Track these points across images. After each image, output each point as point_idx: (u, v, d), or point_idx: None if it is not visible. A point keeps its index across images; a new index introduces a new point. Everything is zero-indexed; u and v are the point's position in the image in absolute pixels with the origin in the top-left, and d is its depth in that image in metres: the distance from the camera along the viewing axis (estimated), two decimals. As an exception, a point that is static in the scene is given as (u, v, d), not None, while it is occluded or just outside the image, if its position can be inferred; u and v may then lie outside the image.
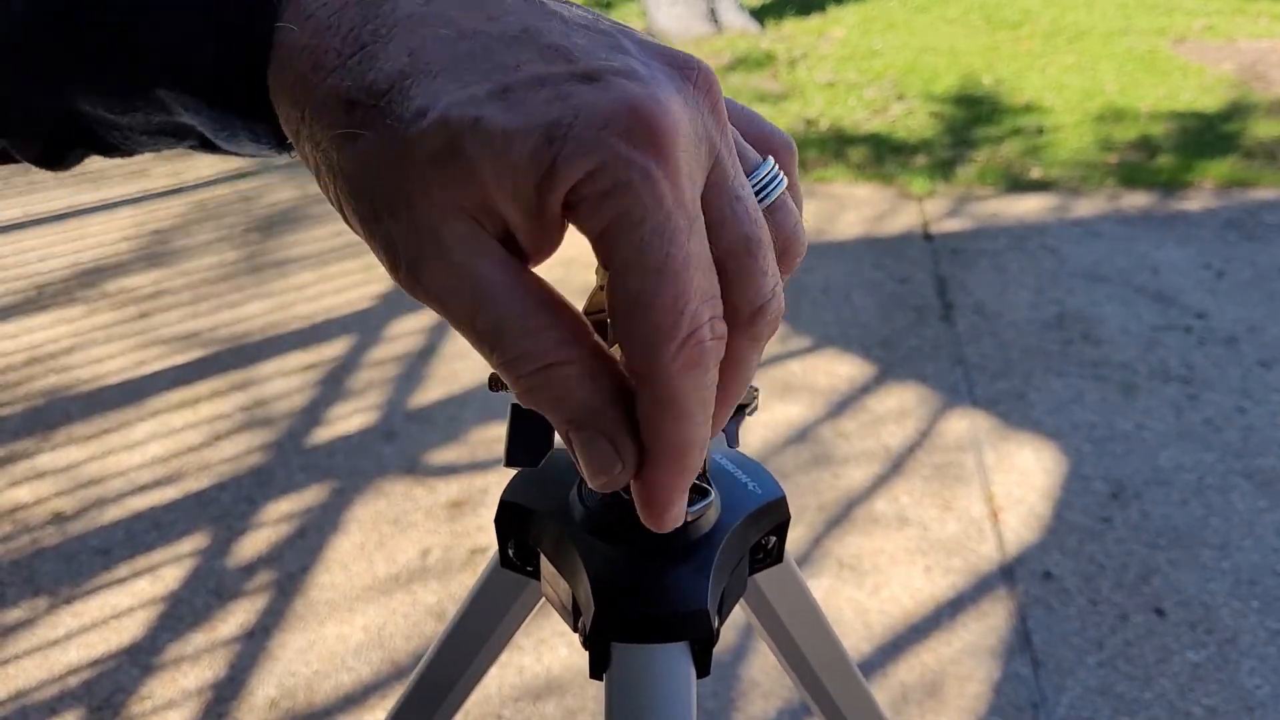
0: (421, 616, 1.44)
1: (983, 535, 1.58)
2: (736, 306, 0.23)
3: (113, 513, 1.64)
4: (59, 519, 1.63)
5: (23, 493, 1.69)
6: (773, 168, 0.25)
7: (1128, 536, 1.58)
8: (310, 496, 1.67)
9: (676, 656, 0.32)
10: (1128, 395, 1.93)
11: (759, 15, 4.72)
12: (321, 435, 1.83)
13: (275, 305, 2.30)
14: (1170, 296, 2.28)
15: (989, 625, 1.42)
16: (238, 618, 1.44)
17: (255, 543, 1.57)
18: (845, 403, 1.91)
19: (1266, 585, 1.48)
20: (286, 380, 2.01)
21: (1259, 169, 2.97)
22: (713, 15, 4.49)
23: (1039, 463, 1.74)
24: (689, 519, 0.34)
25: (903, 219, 2.71)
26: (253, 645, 1.40)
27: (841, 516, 1.63)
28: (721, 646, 1.38)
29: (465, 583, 1.51)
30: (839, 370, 2.01)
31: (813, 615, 0.41)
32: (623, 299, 0.22)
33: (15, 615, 1.44)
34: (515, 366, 0.23)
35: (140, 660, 1.37)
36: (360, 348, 2.13)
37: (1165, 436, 1.81)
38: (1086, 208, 2.77)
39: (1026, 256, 2.48)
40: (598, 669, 0.33)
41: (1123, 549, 1.56)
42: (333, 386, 1.99)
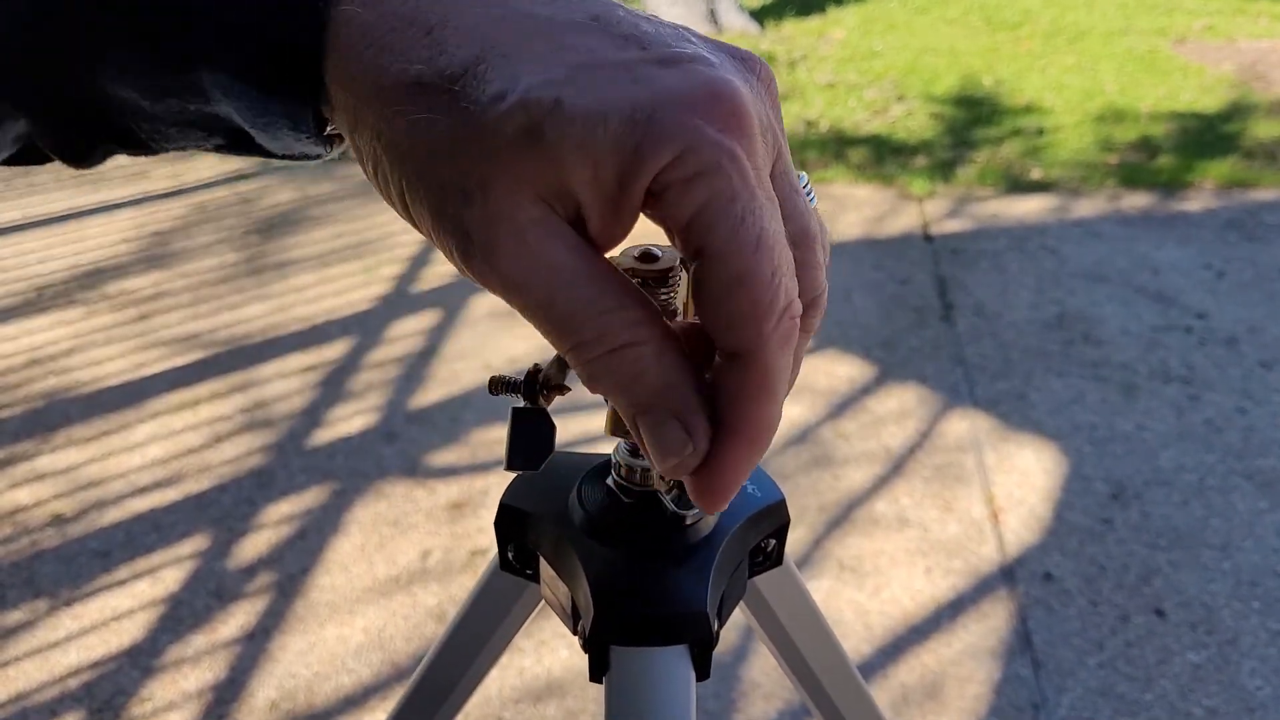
0: (422, 618, 1.44)
1: (983, 536, 1.58)
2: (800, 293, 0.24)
3: (112, 515, 1.64)
4: (59, 521, 1.62)
5: (22, 495, 1.68)
6: (806, 177, 0.26)
7: (1128, 537, 1.58)
8: (310, 498, 1.67)
9: (676, 659, 0.32)
10: (1128, 396, 1.93)
11: (759, 16, 4.73)
12: (322, 437, 1.83)
13: (275, 307, 2.30)
14: (1171, 297, 2.28)
15: (989, 626, 1.42)
16: (238, 619, 1.44)
17: (255, 544, 1.57)
18: (845, 403, 1.91)
19: (1267, 586, 1.48)
20: (286, 382, 2.01)
21: (1259, 169, 2.96)
22: (713, 16, 4.49)
23: (1039, 463, 1.74)
24: (689, 521, 0.34)
25: (903, 220, 2.71)
26: (253, 647, 1.39)
27: (842, 518, 1.63)
28: (722, 647, 1.38)
29: (465, 584, 1.51)
30: (839, 371, 2.01)
31: (812, 618, 0.41)
32: (722, 280, 0.22)
33: (15, 617, 1.44)
34: (586, 350, 0.23)
35: (140, 662, 1.37)
36: (360, 349, 2.13)
37: (1166, 437, 1.81)
38: (1087, 208, 2.77)
39: (1027, 257, 2.48)
40: (597, 672, 0.33)
41: (1123, 550, 1.56)
42: (333, 388, 1.99)
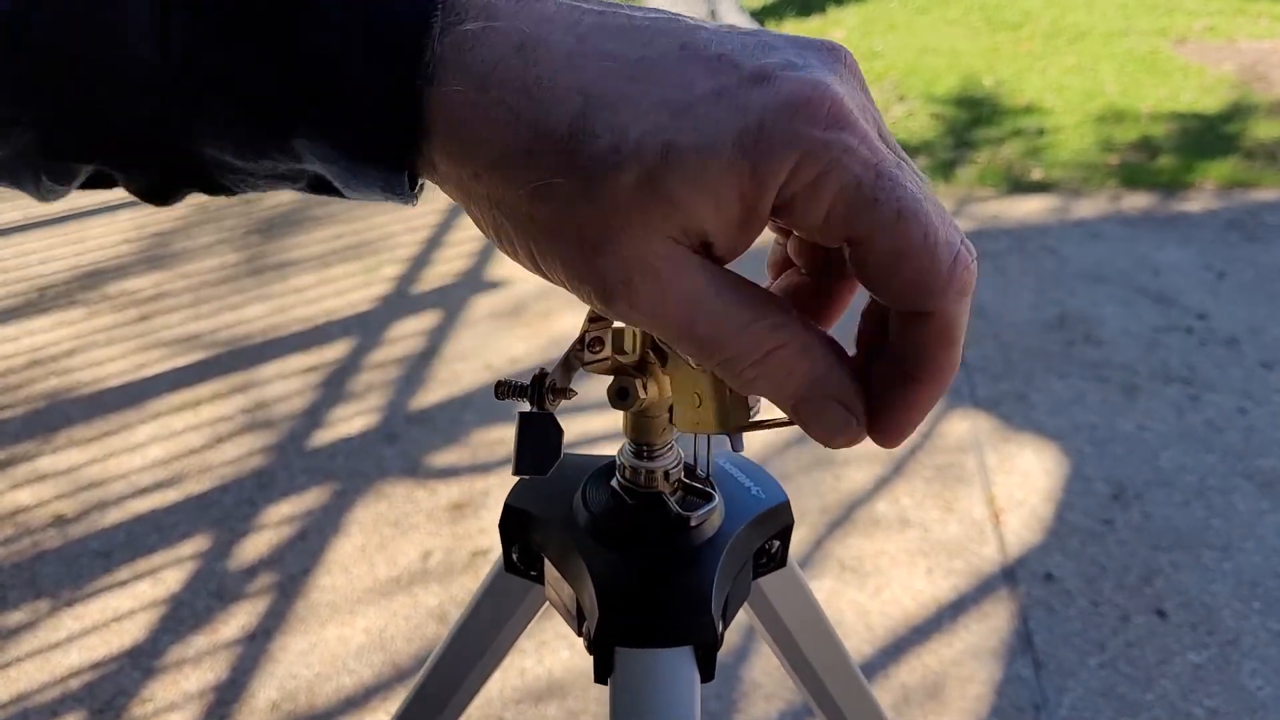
0: (423, 619, 1.44)
1: (984, 537, 1.58)
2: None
3: (114, 515, 1.64)
4: (60, 521, 1.63)
5: (24, 495, 1.69)
6: None
7: (1129, 538, 1.58)
8: (311, 499, 1.67)
9: (681, 661, 0.32)
10: (1129, 396, 1.93)
11: (760, 17, 4.73)
12: (323, 437, 1.83)
13: (276, 307, 2.30)
14: (1171, 297, 2.28)
15: (990, 627, 1.42)
16: (239, 620, 1.44)
17: (256, 545, 1.57)
18: (846, 404, 1.91)
19: (1268, 587, 1.48)
20: (287, 382, 2.01)
21: (1260, 170, 2.96)
22: (713, 16, 4.50)
23: (1040, 464, 1.74)
24: (693, 523, 0.34)
25: (903, 220, 2.71)
26: (254, 648, 1.39)
27: (843, 518, 1.63)
28: (724, 648, 1.38)
29: (466, 585, 1.51)
30: (840, 372, 2.01)
31: (816, 618, 0.41)
32: (878, 262, 0.22)
33: (17, 618, 1.44)
34: (734, 364, 0.24)
35: (141, 663, 1.37)
36: (361, 350, 2.13)
37: (1167, 438, 1.81)
38: (1087, 209, 2.77)
39: (1027, 258, 2.48)
40: (602, 673, 0.33)
41: (1124, 550, 1.56)
42: (334, 389, 1.99)
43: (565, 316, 2.19)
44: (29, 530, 1.61)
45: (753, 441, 1.80)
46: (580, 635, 0.34)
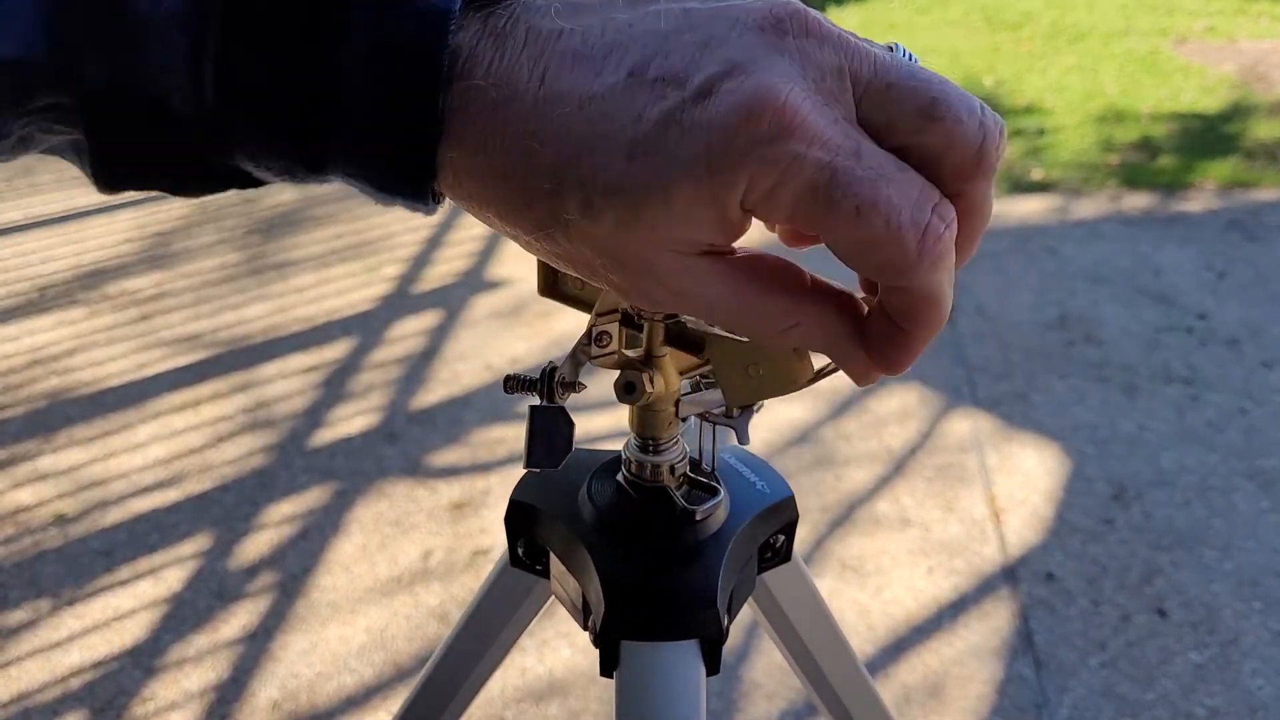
0: (424, 618, 1.44)
1: (985, 536, 1.58)
2: (957, 164, 0.24)
3: (115, 515, 1.64)
4: (61, 521, 1.63)
5: (25, 495, 1.69)
6: (902, 48, 0.26)
7: (1130, 537, 1.58)
8: (312, 498, 1.67)
9: (686, 654, 0.32)
10: (1130, 396, 1.93)
11: (759, 17, 4.73)
12: (323, 437, 1.83)
13: (276, 307, 2.30)
14: (1172, 297, 2.28)
15: (991, 626, 1.42)
16: (240, 619, 1.44)
17: (257, 544, 1.57)
18: (847, 404, 1.91)
19: (1269, 586, 1.48)
20: (288, 382, 2.01)
21: (1260, 170, 2.97)
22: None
23: (1041, 464, 1.74)
24: (699, 517, 0.34)
25: (904, 220, 2.71)
26: (255, 647, 1.39)
27: (844, 518, 1.63)
28: (725, 647, 1.38)
29: (468, 584, 1.51)
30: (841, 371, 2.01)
31: (820, 613, 0.41)
32: (847, 254, 0.24)
33: (18, 617, 1.44)
34: (761, 342, 0.27)
35: (143, 662, 1.37)
36: (362, 349, 2.13)
37: (1167, 437, 1.81)
38: (1088, 209, 2.77)
39: (1028, 258, 2.48)
40: (608, 667, 0.33)
41: (1125, 550, 1.56)
42: (334, 388, 1.99)
43: (566, 316, 2.19)
44: (30, 529, 1.61)
45: (753, 440, 1.80)
46: (586, 629, 0.34)
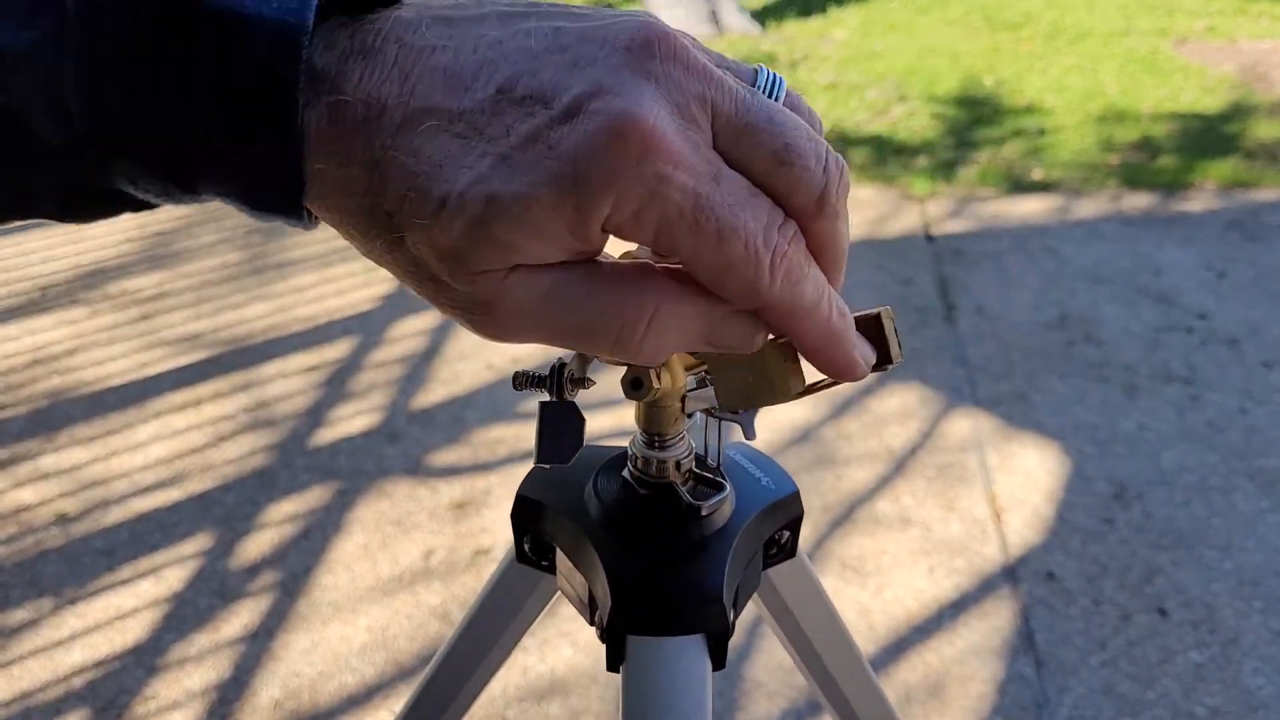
0: (425, 617, 1.44)
1: (985, 536, 1.58)
2: (802, 205, 0.25)
3: (116, 514, 1.64)
4: (63, 520, 1.63)
5: (27, 494, 1.69)
6: (768, 73, 0.27)
7: (1130, 537, 1.58)
8: (313, 497, 1.67)
9: (692, 649, 0.32)
10: (1130, 396, 1.93)
11: (760, 17, 4.73)
12: (324, 436, 1.84)
13: (277, 307, 2.30)
14: (1172, 297, 2.28)
15: (992, 626, 1.42)
16: (241, 618, 1.44)
17: (258, 544, 1.57)
18: (848, 403, 1.91)
19: (1269, 586, 1.48)
20: (289, 382, 2.01)
21: (1260, 170, 2.97)
22: (714, 17, 4.50)
23: (1041, 463, 1.75)
24: (704, 513, 0.34)
25: (905, 220, 2.71)
26: (256, 646, 1.40)
27: (844, 517, 1.63)
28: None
29: (469, 584, 1.51)
30: (841, 371, 2.01)
31: (824, 609, 0.41)
32: (705, 274, 0.24)
33: (19, 616, 1.44)
34: (627, 341, 0.25)
35: (144, 661, 1.37)
36: (363, 349, 2.13)
37: (1167, 437, 1.81)
38: (1088, 209, 2.77)
39: (1028, 258, 2.48)
40: (614, 661, 0.33)
41: (1125, 549, 1.56)
42: (335, 388, 1.99)
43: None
44: (31, 529, 1.61)
45: (757, 442, 1.80)
46: (592, 624, 0.34)
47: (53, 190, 0.25)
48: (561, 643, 1.39)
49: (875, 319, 0.29)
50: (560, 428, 0.27)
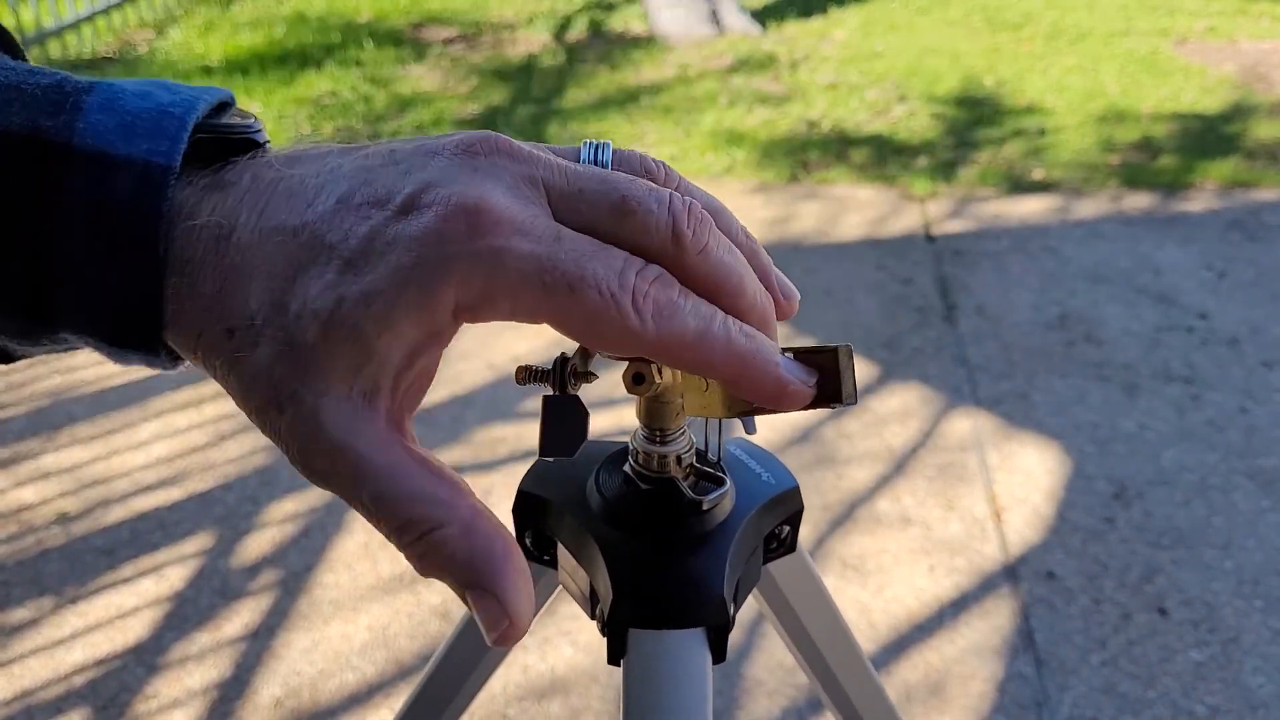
0: (426, 616, 1.44)
1: (986, 535, 1.59)
2: (660, 247, 0.25)
3: (117, 513, 1.64)
4: (64, 519, 1.63)
5: (27, 493, 1.69)
6: (591, 144, 0.28)
7: (1130, 536, 1.58)
8: (314, 496, 1.67)
9: (693, 642, 0.33)
10: (1130, 395, 1.94)
11: (760, 17, 4.73)
12: (325, 435, 1.84)
13: (279, 306, 2.30)
14: (1172, 297, 2.29)
15: (992, 625, 1.42)
16: (242, 617, 1.44)
17: (260, 542, 1.58)
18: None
19: (1269, 585, 1.49)
20: (290, 381, 2.01)
21: (1261, 170, 2.97)
22: (714, 17, 4.50)
23: (1042, 463, 1.75)
24: (705, 507, 0.34)
25: (905, 220, 2.71)
26: (257, 645, 1.40)
27: (845, 516, 1.63)
28: (728, 646, 1.38)
29: (470, 582, 1.51)
30: (842, 371, 2.01)
31: (824, 604, 0.41)
32: (579, 336, 0.24)
33: (21, 615, 1.45)
34: (400, 535, 0.25)
35: (145, 660, 1.38)
36: (364, 348, 2.13)
37: (1168, 437, 1.82)
38: (1088, 209, 2.77)
39: (1029, 257, 2.49)
40: (615, 655, 0.33)
41: (1126, 549, 1.56)
42: (336, 387, 1.99)
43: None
44: (33, 528, 1.61)
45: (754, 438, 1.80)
46: (593, 618, 0.34)
47: None
48: (562, 641, 1.39)
49: (830, 354, 0.28)
50: (564, 421, 0.27)
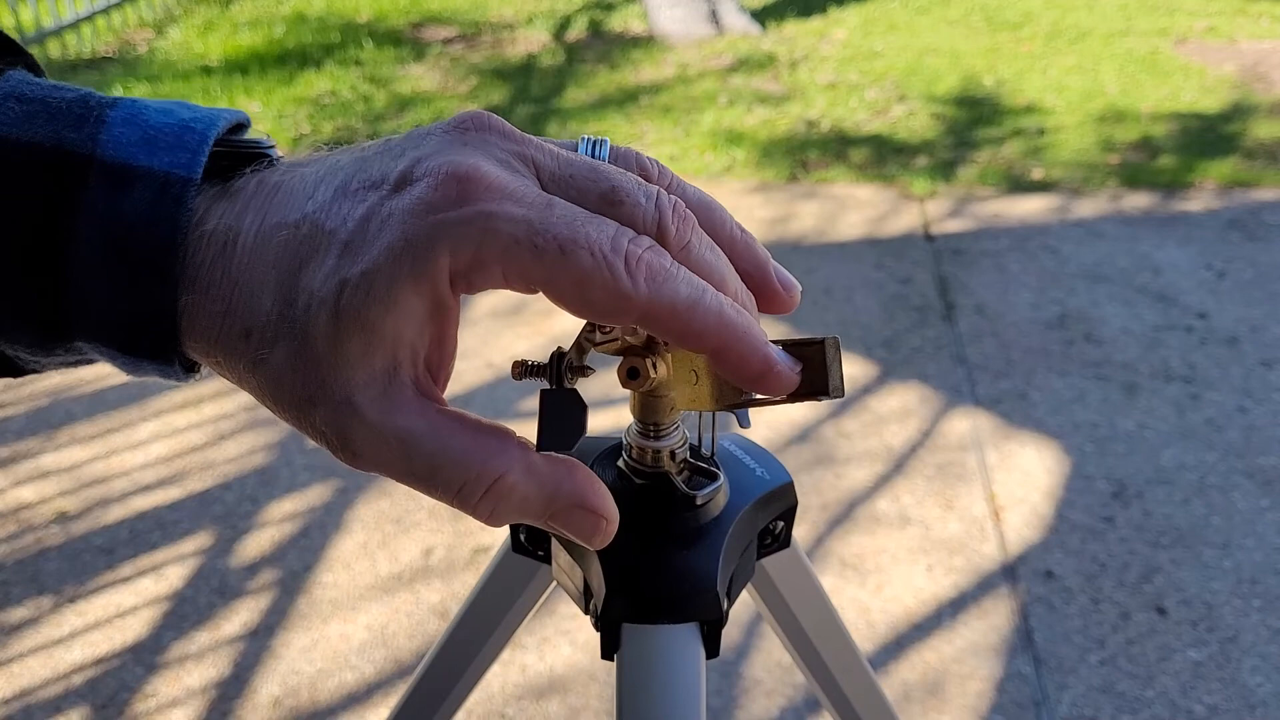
0: (425, 615, 1.44)
1: (985, 534, 1.59)
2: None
3: (116, 512, 1.64)
4: (63, 518, 1.63)
5: (27, 492, 1.69)
6: (587, 140, 0.28)
7: (1129, 535, 1.58)
8: (313, 496, 1.68)
9: (686, 637, 0.33)
10: (1129, 395, 1.94)
11: (760, 17, 4.73)
12: (325, 435, 1.84)
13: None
14: (1172, 297, 2.29)
15: (991, 624, 1.42)
16: (241, 616, 1.44)
17: (259, 542, 1.58)
18: (847, 402, 1.92)
19: (1268, 584, 1.49)
20: (289, 380, 2.01)
21: (1260, 169, 2.97)
22: (714, 17, 4.50)
23: (1041, 462, 1.75)
24: (699, 502, 0.34)
25: (904, 220, 2.71)
26: (256, 644, 1.40)
27: (844, 516, 1.63)
28: (726, 644, 1.39)
29: (468, 581, 1.51)
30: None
31: (818, 600, 0.41)
32: (571, 298, 0.24)
33: (20, 614, 1.45)
34: (466, 497, 0.25)
35: (144, 659, 1.38)
36: (363, 348, 2.13)
37: (1167, 436, 1.82)
38: (1088, 208, 2.77)
39: (1028, 257, 2.49)
40: (609, 650, 0.33)
41: (1124, 548, 1.56)
42: (336, 386, 1.99)
43: (566, 316, 2.19)
44: (32, 527, 1.61)
45: (753, 439, 1.80)
46: (587, 613, 0.34)
47: None
48: (561, 641, 1.39)
49: (818, 346, 0.27)
50: (562, 415, 0.27)
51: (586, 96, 3.67)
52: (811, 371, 0.27)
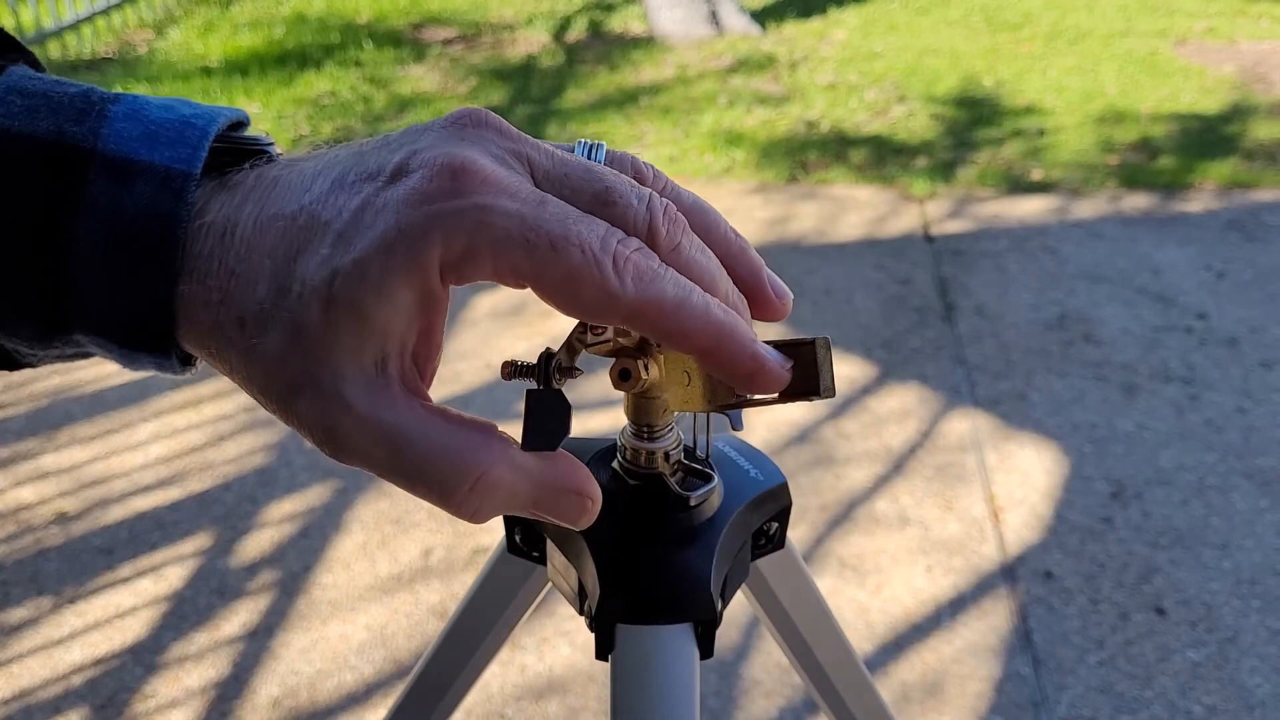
0: (424, 615, 1.45)
1: (984, 535, 1.59)
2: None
3: (116, 513, 1.64)
4: (63, 519, 1.63)
5: (26, 493, 1.69)
6: (584, 144, 0.28)
7: (1129, 536, 1.58)
8: (313, 496, 1.68)
9: (680, 638, 0.33)
10: (1129, 396, 1.94)
11: (760, 18, 4.73)
12: (324, 435, 1.84)
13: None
14: (1171, 297, 2.29)
15: (990, 624, 1.42)
16: (241, 617, 1.44)
17: (258, 542, 1.58)
18: (847, 403, 1.92)
19: (1267, 585, 1.49)
20: (289, 381, 2.01)
21: (1260, 170, 2.97)
22: (714, 18, 4.50)
23: (1040, 463, 1.75)
24: (693, 503, 0.34)
25: (904, 220, 2.71)
26: (256, 644, 1.40)
27: (843, 516, 1.63)
28: (724, 645, 1.39)
29: (467, 582, 1.52)
30: (840, 371, 2.02)
31: (813, 600, 0.41)
32: (558, 297, 0.24)
33: (19, 615, 1.45)
34: (451, 494, 0.25)
35: (144, 659, 1.38)
36: (363, 349, 2.13)
37: (1166, 437, 1.82)
38: (1087, 209, 2.77)
39: (1027, 257, 2.49)
40: (603, 650, 0.33)
41: (1123, 549, 1.56)
42: (335, 387, 1.99)
43: (565, 316, 2.19)
44: (31, 527, 1.61)
45: (752, 440, 1.80)
46: (582, 614, 0.34)
47: None
48: (560, 642, 1.39)
49: (808, 346, 0.27)
50: (547, 415, 0.27)
51: (586, 97, 3.67)
52: (802, 371, 0.27)
